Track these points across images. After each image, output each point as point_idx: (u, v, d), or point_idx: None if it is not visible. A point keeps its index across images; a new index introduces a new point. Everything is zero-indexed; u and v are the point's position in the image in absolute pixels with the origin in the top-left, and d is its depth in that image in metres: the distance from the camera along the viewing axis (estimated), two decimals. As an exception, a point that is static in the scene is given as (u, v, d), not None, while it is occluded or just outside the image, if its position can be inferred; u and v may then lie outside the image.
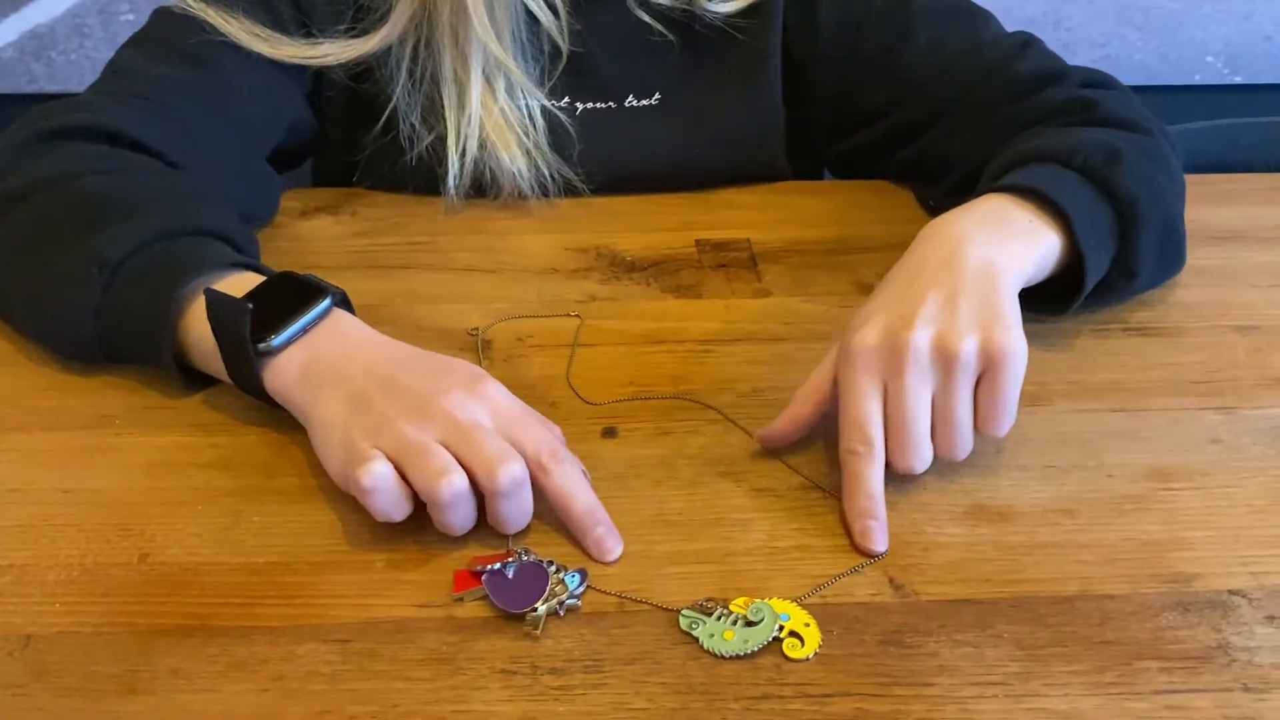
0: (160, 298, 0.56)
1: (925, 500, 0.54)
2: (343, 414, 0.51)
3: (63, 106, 0.68)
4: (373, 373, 0.52)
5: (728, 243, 0.75)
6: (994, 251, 0.56)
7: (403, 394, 0.50)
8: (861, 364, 0.52)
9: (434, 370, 0.52)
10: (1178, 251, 0.67)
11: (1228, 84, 1.53)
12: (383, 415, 0.50)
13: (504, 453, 0.49)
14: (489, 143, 0.75)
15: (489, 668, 0.45)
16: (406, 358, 0.54)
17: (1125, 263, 0.63)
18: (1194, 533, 0.52)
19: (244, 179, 0.73)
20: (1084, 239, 0.60)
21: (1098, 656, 0.46)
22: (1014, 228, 0.59)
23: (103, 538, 0.51)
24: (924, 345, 0.52)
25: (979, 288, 0.54)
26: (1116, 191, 0.61)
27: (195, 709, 0.43)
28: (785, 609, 0.47)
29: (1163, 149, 0.68)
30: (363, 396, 0.51)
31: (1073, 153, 0.63)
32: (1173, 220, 0.65)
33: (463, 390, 0.51)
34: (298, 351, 0.53)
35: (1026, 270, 0.58)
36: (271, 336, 0.53)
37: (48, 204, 0.61)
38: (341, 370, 0.52)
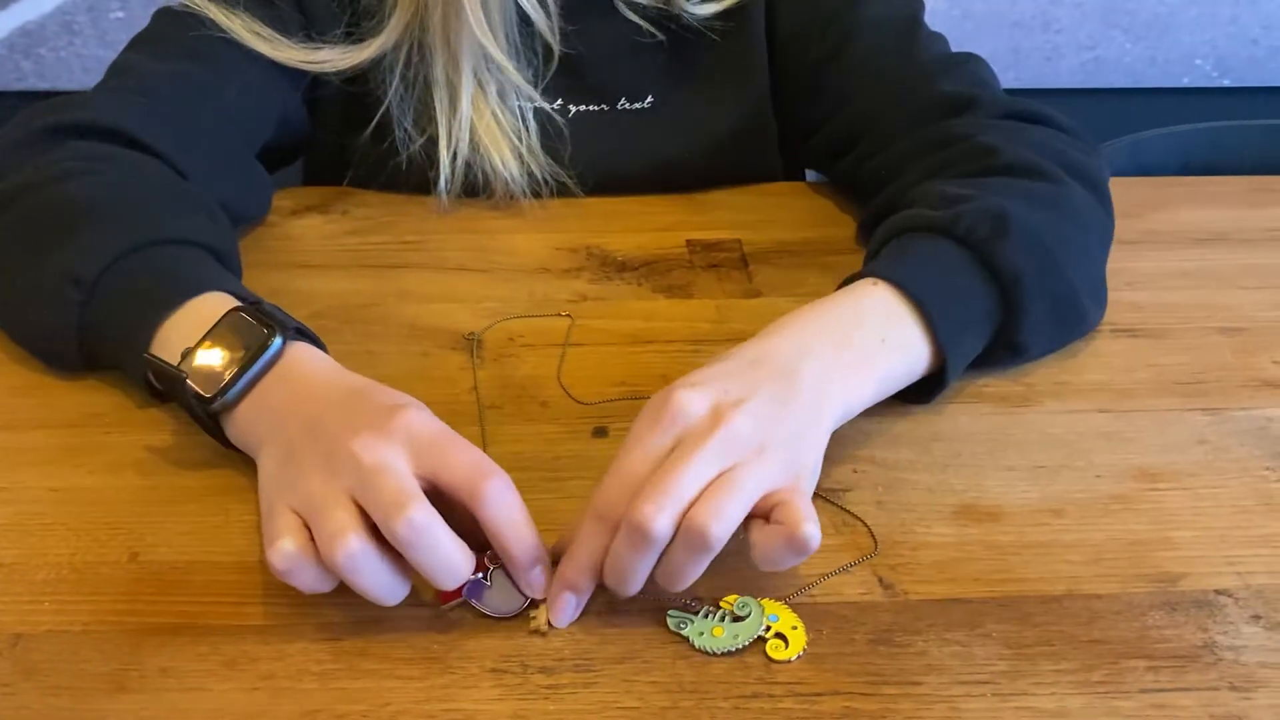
0: (132, 327, 0.55)
1: (914, 500, 0.54)
2: (270, 473, 0.48)
3: (63, 104, 0.68)
4: (302, 420, 0.49)
5: (718, 243, 0.75)
6: (835, 377, 0.52)
7: (320, 437, 0.47)
8: (668, 419, 0.47)
9: (354, 407, 0.48)
10: (1078, 321, 0.64)
11: (1216, 87, 1.54)
12: (299, 468, 0.47)
13: (401, 498, 0.43)
14: (481, 145, 0.75)
15: (479, 667, 0.45)
16: (339, 398, 0.50)
17: (1009, 338, 0.60)
18: (1180, 533, 0.52)
19: (238, 176, 0.73)
20: (948, 341, 0.57)
21: (1085, 656, 0.46)
22: (868, 346, 0.55)
23: (92, 536, 0.51)
24: (744, 430, 0.47)
25: (808, 404, 0.50)
26: (999, 267, 0.58)
27: (185, 708, 0.43)
28: (775, 610, 0.47)
29: (1071, 198, 0.64)
30: (288, 449, 0.48)
31: (955, 221, 0.59)
32: (1070, 289, 0.61)
33: (372, 430, 0.46)
34: (247, 403, 0.51)
35: (864, 396, 0.54)
36: (223, 394, 0.51)
37: (27, 209, 0.61)
38: (279, 420, 0.50)
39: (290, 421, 0.49)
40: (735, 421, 0.47)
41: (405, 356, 0.64)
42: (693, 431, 0.47)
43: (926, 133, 0.70)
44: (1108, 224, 0.67)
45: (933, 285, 0.57)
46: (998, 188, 0.63)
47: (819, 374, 0.52)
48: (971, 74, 0.74)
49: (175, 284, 0.56)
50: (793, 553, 0.46)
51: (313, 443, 0.47)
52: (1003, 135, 0.67)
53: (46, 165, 0.63)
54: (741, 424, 0.47)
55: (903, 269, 0.58)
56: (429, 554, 0.44)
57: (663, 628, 0.47)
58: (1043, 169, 0.64)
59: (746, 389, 0.49)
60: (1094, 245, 0.65)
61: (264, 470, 0.49)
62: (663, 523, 0.44)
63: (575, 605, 0.47)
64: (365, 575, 0.44)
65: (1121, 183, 0.86)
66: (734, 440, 0.47)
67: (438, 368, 0.63)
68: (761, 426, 0.48)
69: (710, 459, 0.46)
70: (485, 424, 0.59)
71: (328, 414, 0.48)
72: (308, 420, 0.49)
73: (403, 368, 0.63)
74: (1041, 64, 1.52)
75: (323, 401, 0.50)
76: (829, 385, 0.52)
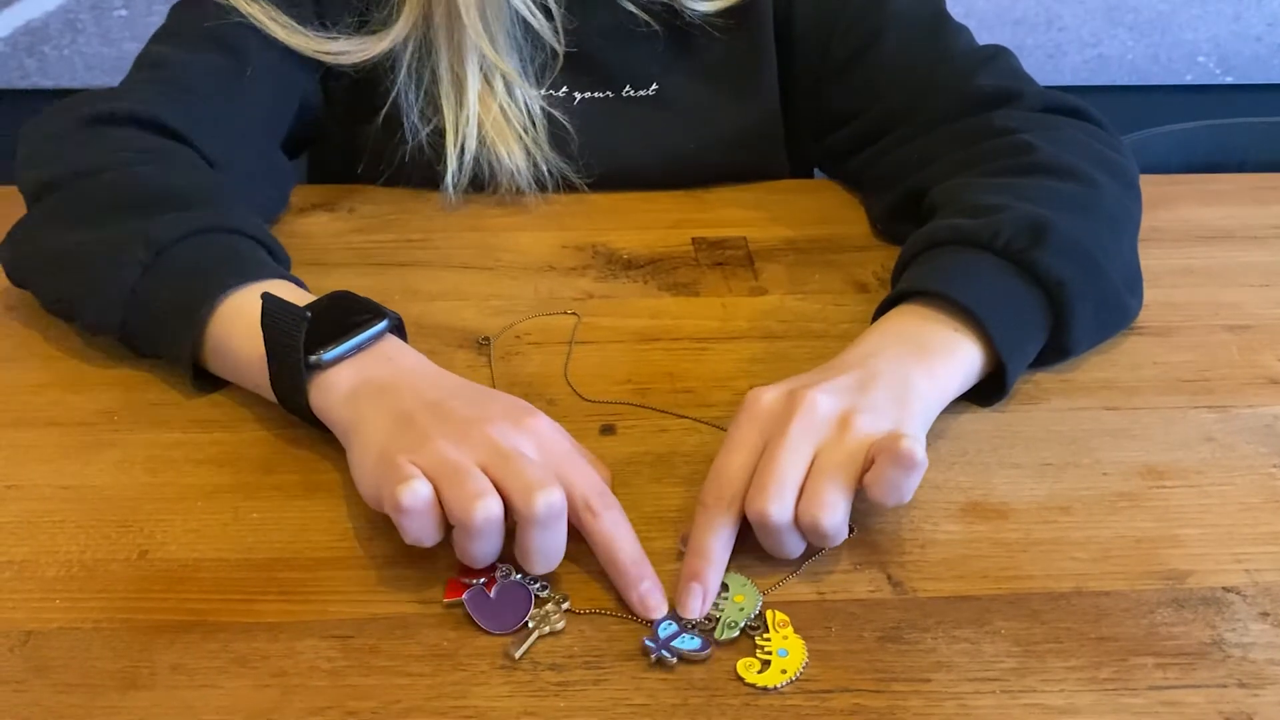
0: (196, 293, 0.56)
1: (922, 498, 0.54)
2: (384, 433, 0.49)
3: (100, 95, 0.68)
4: (420, 396, 0.50)
5: (724, 241, 0.75)
6: (914, 369, 0.54)
7: (447, 416, 0.48)
8: (748, 417, 0.50)
9: (482, 399, 0.51)
10: (1121, 317, 0.64)
11: (1219, 84, 1.54)
12: (424, 434, 0.47)
13: (545, 479, 0.46)
14: (488, 139, 0.75)
15: (489, 664, 0.45)
16: (457, 386, 0.52)
17: (1059, 343, 0.60)
18: (1188, 530, 0.52)
19: (265, 170, 0.74)
20: (1003, 345, 0.57)
21: (1093, 653, 0.46)
22: (936, 344, 0.56)
23: (102, 534, 0.51)
24: (824, 406, 0.49)
25: (894, 386, 0.52)
26: (1042, 276, 0.58)
27: (196, 705, 0.44)
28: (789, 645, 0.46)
29: (1105, 198, 0.64)
30: (407, 416, 0.49)
31: (995, 235, 0.59)
32: (1113, 288, 0.61)
33: (508, 420, 0.49)
34: (347, 370, 0.52)
35: (949, 390, 0.56)
36: (324, 351, 0.51)
37: (87, 190, 0.61)
38: (389, 392, 0.50)
39: (405, 395, 0.50)
40: (811, 400, 0.49)
41: (412, 354, 0.64)
42: (773, 417, 0.49)
43: (964, 124, 0.71)
44: (1139, 215, 0.67)
45: (981, 295, 0.57)
46: (1032, 192, 0.63)
47: (895, 366, 0.53)
48: (1008, 67, 0.75)
49: (247, 265, 0.57)
50: (901, 469, 0.47)
51: (440, 419, 0.48)
52: (1040, 132, 0.68)
53: (99, 152, 0.63)
54: (819, 401, 0.49)
55: (950, 282, 0.58)
56: (550, 539, 0.46)
57: (672, 625, 0.47)
58: (1077, 170, 0.65)
59: (816, 379, 0.52)
60: (1128, 241, 0.65)
61: (373, 431, 0.49)
62: (780, 513, 0.47)
63: (701, 595, 0.47)
64: (484, 538, 0.46)
65: (1126, 180, 0.86)
66: (815, 417, 0.49)
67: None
68: (839, 400, 0.50)
69: (797, 439, 0.48)
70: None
71: (451, 400, 0.50)
72: (428, 401, 0.50)
73: (410, 365, 0.63)
74: (1044, 61, 1.52)
75: (441, 388, 0.51)
76: (910, 372, 0.53)
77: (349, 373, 0.52)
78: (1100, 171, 0.65)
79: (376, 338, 0.53)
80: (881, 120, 0.76)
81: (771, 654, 0.46)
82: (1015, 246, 0.59)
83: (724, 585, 0.48)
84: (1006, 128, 0.69)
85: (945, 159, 0.70)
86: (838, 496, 0.47)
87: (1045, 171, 0.65)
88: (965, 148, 0.69)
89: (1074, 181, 0.64)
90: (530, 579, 0.48)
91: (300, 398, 0.52)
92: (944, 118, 0.72)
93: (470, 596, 0.47)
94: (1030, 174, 0.65)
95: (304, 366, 0.51)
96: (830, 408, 0.50)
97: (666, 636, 0.46)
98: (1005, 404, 0.60)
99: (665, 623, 0.47)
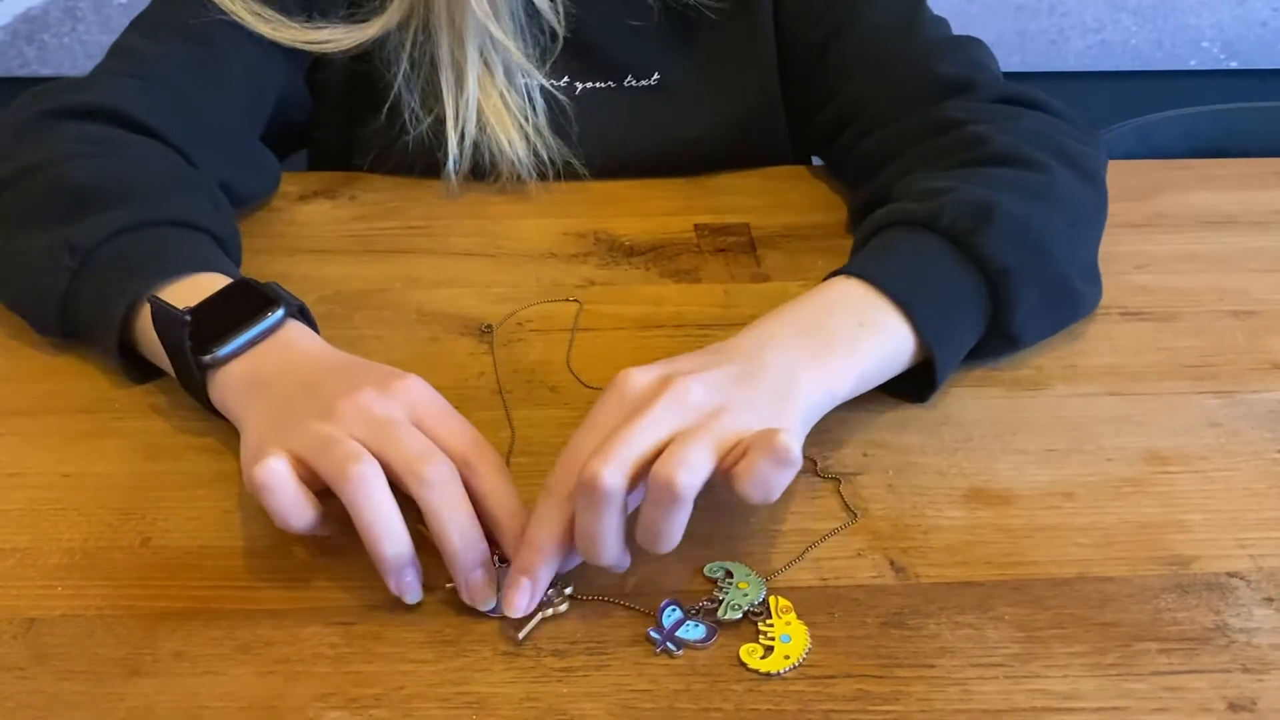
0: (114, 294, 0.56)
1: (925, 484, 0.54)
2: (260, 425, 0.49)
3: (63, 86, 0.68)
4: (297, 381, 0.50)
5: (727, 227, 0.75)
6: (806, 364, 0.51)
7: (315, 395, 0.48)
8: (615, 397, 0.47)
9: (357, 372, 0.50)
10: (1073, 305, 0.62)
11: (1223, 69, 1.53)
12: (293, 419, 0.47)
13: (426, 448, 0.45)
14: (488, 126, 0.75)
15: (492, 650, 0.45)
16: (338, 365, 0.51)
17: (1002, 328, 0.59)
18: (1192, 516, 0.52)
19: (241, 158, 0.73)
20: (930, 333, 0.55)
21: (1097, 638, 0.46)
22: (839, 337, 0.53)
23: (104, 522, 0.51)
24: (696, 396, 0.46)
25: (778, 383, 0.49)
26: (983, 258, 0.57)
27: (199, 691, 0.44)
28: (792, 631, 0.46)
29: (1059, 185, 0.62)
30: (282, 402, 0.49)
31: (937, 216, 0.58)
32: (1061, 274, 0.60)
33: (375, 388, 0.47)
34: (239, 365, 0.52)
35: (841, 388, 0.52)
36: (216, 348, 0.52)
37: (32, 188, 0.61)
38: (270, 383, 0.51)
39: (283, 381, 0.50)
40: (684, 386, 0.46)
41: (413, 342, 0.64)
42: (639, 398, 0.46)
43: (919, 117, 0.70)
44: (1100, 206, 0.66)
45: (910, 279, 0.56)
46: (983, 179, 0.62)
47: (786, 361, 0.50)
48: (969, 57, 0.73)
49: (171, 259, 0.57)
50: (776, 464, 0.44)
51: (310, 399, 0.48)
52: (995, 123, 0.66)
53: (48, 147, 0.63)
54: (692, 389, 0.46)
55: (877, 265, 0.57)
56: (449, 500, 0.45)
57: (675, 611, 0.47)
58: (1031, 158, 0.63)
59: (698, 365, 0.49)
60: (1084, 230, 0.64)
61: (253, 423, 0.49)
62: (611, 476, 0.43)
63: (529, 591, 0.45)
64: (373, 499, 0.44)
65: (1129, 165, 0.86)
66: (683, 403, 0.46)
67: (446, 353, 0.63)
68: (714, 394, 0.47)
69: (659, 417, 0.45)
70: (498, 409, 0.59)
71: (325, 377, 0.49)
72: (303, 381, 0.49)
73: (411, 353, 0.63)
74: (1047, 47, 1.51)
75: (319, 367, 0.51)
76: (798, 370, 0.50)
77: (242, 367, 0.52)
78: (1055, 159, 0.64)
79: (273, 328, 0.53)
80: (846, 107, 0.75)
81: (774, 640, 0.46)
82: (959, 228, 0.57)
83: (728, 572, 0.48)
84: (959, 119, 0.68)
85: (903, 155, 0.68)
86: (701, 457, 0.44)
87: (998, 161, 0.63)
88: (919, 143, 0.68)
89: (1026, 169, 0.63)
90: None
91: (200, 395, 0.53)
92: (901, 107, 0.71)
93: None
94: (983, 164, 0.64)
95: (196, 367, 0.52)
96: (702, 399, 0.46)
97: (671, 626, 0.46)
98: (1010, 389, 0.60)
99: (669, 609, 0.47)
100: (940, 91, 0.71)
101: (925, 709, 0.43)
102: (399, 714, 0.43)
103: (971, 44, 0.75)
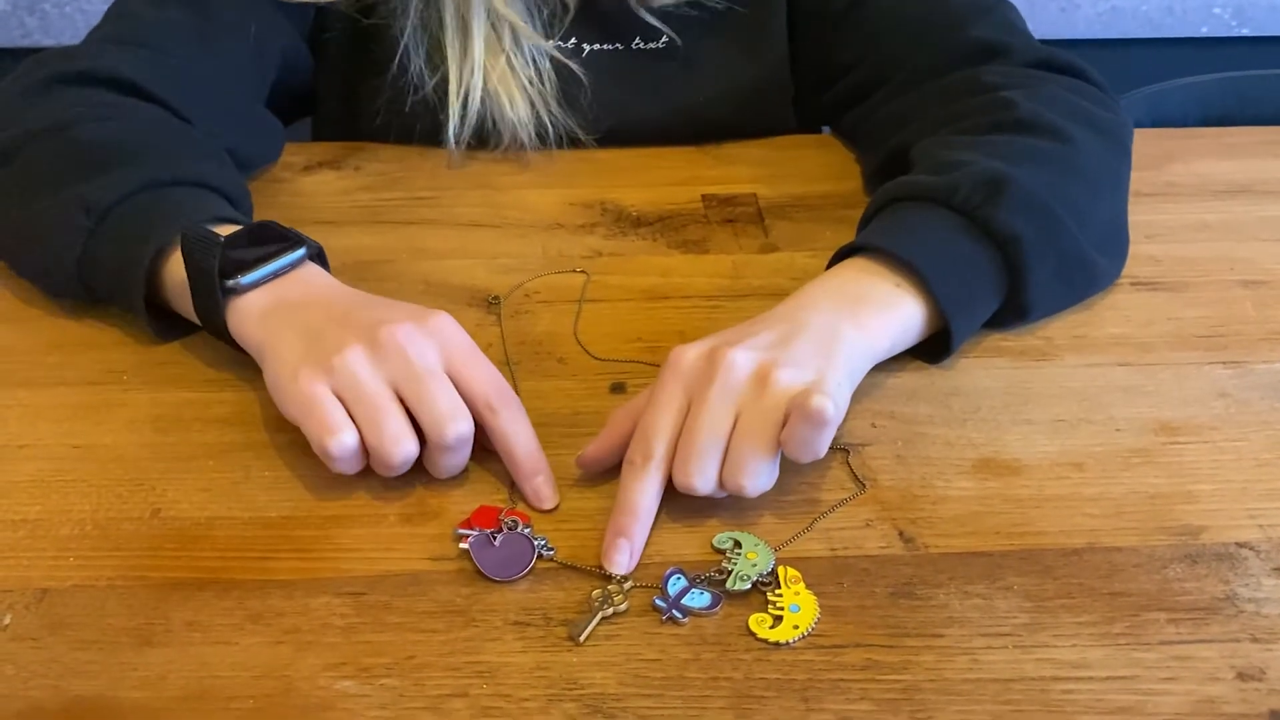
0: (138, 243, 0.56)
1: (934, 454, 0.54)
2: (295, 349, 0.51)
3: (63, 53, 0.67)
4: (329, 309, 0.52)
5: (734, 197, 0.74)
6: (844, 321, 0.53)
7: (351, 324, 0.51)
8: (671, 375, 0.50)
9: (386, 306, 0.53)
10: (1090, 277, 0.62)
11: (1235, 36, 1.52)
12: (330, 345, 0.50)
13: (454, 409, 0.49)
14: (492, 91, 0.74)
15: (502, 619, 0.46)
16: (366, 299, 0.55)
17: (1016, 301, 0.59)
18: (1201, 486, 0.52)
19: (244, 122, 0.73)
20: (947, 302, 0.56)
21: (1106, 608, 0.46)
22: (872, 298, 0.55)
23: (114, 493, 0.51)
24: (742, 364, 0.49)
25: (820, 338, 0.52)
26: (995, 232, 0.57)
27: (211, 661, 0.44)
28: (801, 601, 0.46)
29: (1081, 154, 0.62)
30: (316, 331, 0.51)
31: (953, 191, 0.58)
32: (1076, 246, 0.60)
33: (413, 321, 0.51)
34: (262, 295, 0.54)
35: (879, 344, 0.55)
36: (240, 276, 0.53)
37: (41, 152, 0.61)
38: (300, 309, 0.53)
39: (314, 311, 0.52)
40: (730, 359, 0.49)
41: (421, 313, 0.63)
42: (697, 383, 0.49)
43: (951, 79, 0.69)
44: (1124, 175, 0.66)
45: (928, 252, 0.56)
46: (1002, 149, 0.61)
47: (825, 320, 0.53)
48: (1003, 20, 0.73)
49: (188, 215, 0.57)
50: (813, 427, 0.47)
51: (345, 327, 0.50)
52: (1024, 89, 0.66)
53: (53, 112, 0.63)
54: (737, 359, 0.49)
55: (897, 238, 0.57)
56: (456, 460, 0.50)
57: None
58: (1055, 126, 0.63)
59: (741, 335, 0.52)
60: (1105, 200, 0.64)
61: (285, 345, 0.51)
62: (703, 484, 0.48)
63: (629, 551, 0.48)
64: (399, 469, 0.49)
65: (1140, 134, 0.84)
66: (732, 375, 0.49)
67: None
68: (760, 354, 0.50)
69: (717, 403, 0.49)
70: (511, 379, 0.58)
71: (358, 308, 0.52)
72: (337, 312, 0.52)
73: (419, 324, 0.62)
74: (1057, 15, 1.49)
75: (346, 300, 0.54)
76: (838, 325, 0.53)
77: (264, 297, 0.54)
78: (1082, 128, 0.63)
79: (294, 264, 0.55)
80: (874, 72, 0.74)
81: (783, 609, 0.46)
82: (972, 203, 0.58)
83: (736, 543, 0.48)
84: (991, 84, 0.67)
85: (927, 116, 0.68)
86: (759, 463, 0.48)
87: (1021, 128, 0.63)
88: (947, 105, 0.68)
89: (1050, 138, 0.62)
90: (540, 539, 0.48)
91: (218, 319, 0.54)
92: (932, 71, 0.71)
93: (474, 541, 0.48)
94: (1005, 131, 0.63)
95: (220, 291, 0.53)
96: (748, 365, 0.49)
97: (676, 594, 0.46)
98: (1019, 360, 0.60)
99: (673, 578, 0.47)
100: (974, 56, 0.70)
101: (934, 678, 0.43)
102: (409, 683, 0.43)
103: (1002, 6, 0.74)
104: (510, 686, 0.43)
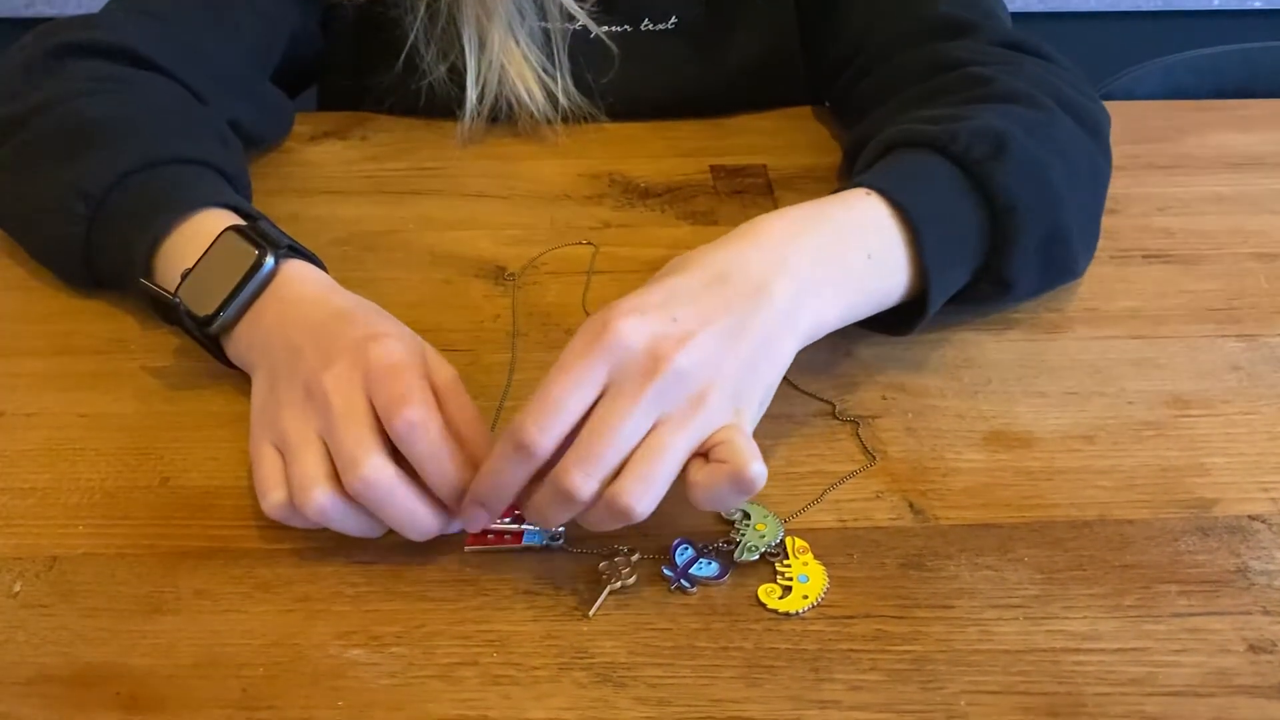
0: (134, 239, 0.56)
1: (945, 426, 0.54)
2: (256, 404, 0.49)
3: (68, 24, 0.67)
4: (287, 346, 0.49)
5: (743, 168, 0.74)
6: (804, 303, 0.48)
7: (297, 370, 0.47)
8: (601, 349, 0.43)
9: (334, 336, 0.48)
10: (1067, 261, 0.60)
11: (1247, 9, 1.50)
12: (278, 402, 0.47)
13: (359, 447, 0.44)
14: (507, 72, 0.73)
15: (512, 589, 0.45)
16: (321, 321, 0.49)
17: (997, 271, 0.57)
18: (1213, 459, 0.52)
19: (251, 97, 0.72)
20: (931, 261, 0.53)
21: (1117, 580, 0.46)
22: (846, 262, 0.51)
23: (122, 462, 0.51)
24: (687, 371, 0.43)
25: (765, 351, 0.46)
26: (994, 193, 0.55)
27: (221, 629, 0.44)
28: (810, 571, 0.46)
29: (1064, 127, 0.60)
30: (274, 377, 0.49)
31: (953, 138, 0.56)
32: (1063, 226, 0.57)
33: (345, 362, 0.46)
34: (243, 324, 0.52)
35: (826, 323, 0.50)
36: (217, 315, 0.51)
37: (40, 128, 0.61)
38: (268, 343, 0.50)
39: (277, 345, 0.50)
40: (676, 361, 0.43)
41: (428, 283, 0.63)
42: (628, 373, 0.43)
43: (920, 54, 0.68)
44: (1102, 162, 0.63)
45: (925, 203, 0.54)
46: (993, 112, 0.59)
47: (792, 293, 0.48)
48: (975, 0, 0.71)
49: (177, 201, 0.56)
50: (737, 492, 0.43)
51: (292, 374, 0.47)
52: (998, 67, 0.64)
53: (56, 85, 0.63)
54: (683, 362, 0.43)
55: (896, 181, 0.54)
56: (384, 509, 0.44)
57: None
58: (1037, 100, 0.61)
59: (699, 318, 0.45)
60: (1086, 185, 0.61)
61: (255, 395, 0.50)
62: (590, 488, 0.43)
63: (486, 521, 0.45)
64: (336, 523, 0.45)
65: (1153, 106, 0.84)
66: (671, 384, 0.43)
67: (460, 295, 0.62)
68: (706, 364, 0.44)
69: (645, 409, 0.43)
70: (516, 351, 0.58)
71: (307, 343, 0.48)
72: (291, 347, 0.48)
73: (425, 295, 0.62)
74: (1069, -14, 1.48)
75: (305, 326, 0.49)
76: (801, 305, 0.48)
77: (245, 326, 0.52)
78: (1058, 106, 0.61)
79: (266, 280, 0.52)
80: (849, 44, 0.73)
81: (792, 580, 0.46)
82: (974, 155, 0.55)
83: (746, 514, 0.48)
84: (961, 59, 0.65)
85: (901, 95, 0.66)
86: (661, 488, 0.43)
87: (1004, 99, 0.61)
88: (921, 81, 0.66)
89: (1035, 109, 0.60)
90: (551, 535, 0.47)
91: (219, 358, 0.54)
92: (900, 45, 0.69)
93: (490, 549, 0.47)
94: (987, 102, 0.61)
95: (206, 338, 0.53)
96: (694, 377, 0.44)
97: (684, 564, 0.46)
98: (1030, 332, 0.60)
99: (681, 547, 0.47)
100: (942, 31, 0.69)
101: (944, 649, 0.43)
102: (419, 652, 0.43)
103: None
104: (520, 655, 0.43)
